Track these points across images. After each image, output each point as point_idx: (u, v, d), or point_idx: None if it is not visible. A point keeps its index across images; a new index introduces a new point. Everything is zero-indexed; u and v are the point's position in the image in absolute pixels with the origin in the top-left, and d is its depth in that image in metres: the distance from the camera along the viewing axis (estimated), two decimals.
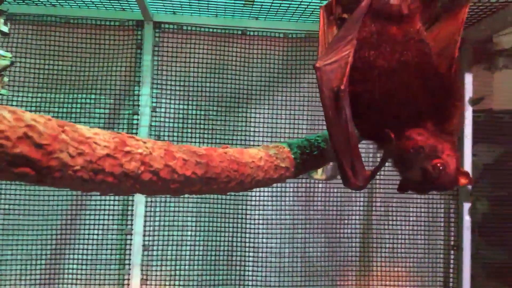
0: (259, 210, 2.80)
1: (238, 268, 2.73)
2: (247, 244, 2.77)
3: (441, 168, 1.00)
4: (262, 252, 2.78)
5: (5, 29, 1.88)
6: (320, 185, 2.84)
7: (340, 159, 1.03)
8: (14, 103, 2.62)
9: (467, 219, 2.74)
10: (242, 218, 2.77)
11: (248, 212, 2.78)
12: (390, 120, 1.04)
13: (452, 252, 2.83)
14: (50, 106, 2.63)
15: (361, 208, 2.86)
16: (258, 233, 2.78)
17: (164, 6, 2.56)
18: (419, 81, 1.02)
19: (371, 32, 1.03)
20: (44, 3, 2.54)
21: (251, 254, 2.76)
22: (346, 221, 2.86)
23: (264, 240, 2.79)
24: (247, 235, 2.77)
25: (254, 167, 0.95)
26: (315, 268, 2.79)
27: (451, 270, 2.82)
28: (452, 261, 2.82)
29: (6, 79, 1.86)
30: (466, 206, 2.75)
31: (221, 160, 0.86)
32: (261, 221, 2.80)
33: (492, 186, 2.91)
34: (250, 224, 2.77)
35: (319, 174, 2.66)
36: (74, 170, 0.59)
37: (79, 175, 0.60)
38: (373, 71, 1.02)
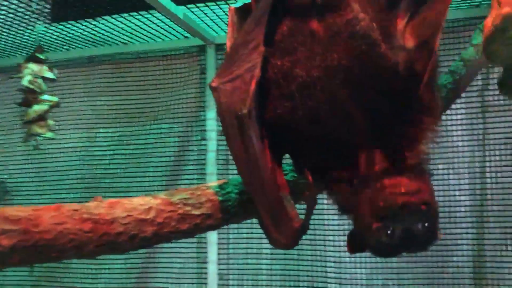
0: (344, 235, 2.49)
1: None
2: (329, 274, 2.48)
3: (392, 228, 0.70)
4: (348, 284, 2.46)
5: (51, 75, 2.00)
6: None
7: (256, 206, 0.77)
8: (101, 139, 2.81)
9: None
10: (323, 245, 2.50)
11: (330, 238, 2.49)
12: (322, 151, 0.76)
13: None
14: (129, 139, 2.75)
15: None
16: (341, 262, 2.46)
17: (222, 28, 2.49)
18: (353, 92, 0.72)
19: (282, 33, 0.76)
20: (116, 42, 2.69)
21: (333, 286, 2.47)
22: None
23: (349, 270, 2.46)
24: (328, 264, 2.48)
25: (131, 222, 0.76)
26: None
27: None
28: None
29: (51, 122, 1.97)
30: None
31: (59, 221, 0.70)
32: (345, 248, 2.48)
33: None
34: (332, 251, 2.48)
35: None
36: None
37: None
38: (291, 84, 0.75)
